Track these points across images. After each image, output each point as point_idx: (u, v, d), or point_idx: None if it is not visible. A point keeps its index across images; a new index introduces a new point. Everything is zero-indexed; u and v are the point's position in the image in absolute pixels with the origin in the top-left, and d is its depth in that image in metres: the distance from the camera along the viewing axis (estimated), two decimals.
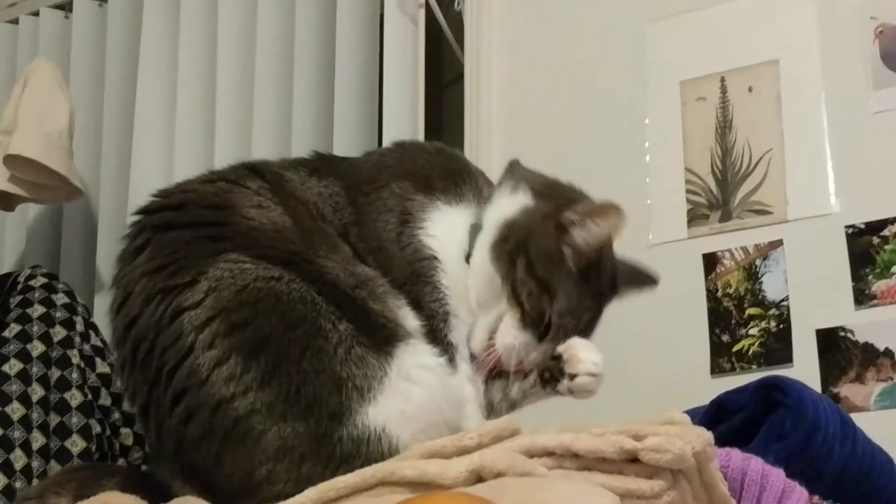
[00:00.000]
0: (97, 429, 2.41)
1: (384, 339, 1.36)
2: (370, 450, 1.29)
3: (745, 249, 2.52)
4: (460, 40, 2.94)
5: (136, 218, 1.47)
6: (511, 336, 1.44)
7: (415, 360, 1.36)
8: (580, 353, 1.44)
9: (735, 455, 1.42)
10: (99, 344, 2.61)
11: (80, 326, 2.58)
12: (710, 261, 2.54)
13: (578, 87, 2.81)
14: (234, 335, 1.31)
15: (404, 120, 2.81)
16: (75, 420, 2.38)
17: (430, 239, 1.48)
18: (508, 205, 1.51)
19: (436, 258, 1.47)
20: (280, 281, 1.34)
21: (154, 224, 1.44)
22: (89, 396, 2.45)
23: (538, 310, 1.43)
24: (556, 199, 1.50)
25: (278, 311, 1.32)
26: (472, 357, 1.47)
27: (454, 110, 2.92)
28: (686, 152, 2.63)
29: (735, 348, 2.47)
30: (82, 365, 2.49)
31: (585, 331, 1.49)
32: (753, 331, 2.47)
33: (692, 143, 2.63)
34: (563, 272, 1.44)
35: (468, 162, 1.63)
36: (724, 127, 2.60)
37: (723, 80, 2.63)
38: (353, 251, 1.46)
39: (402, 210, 1.50)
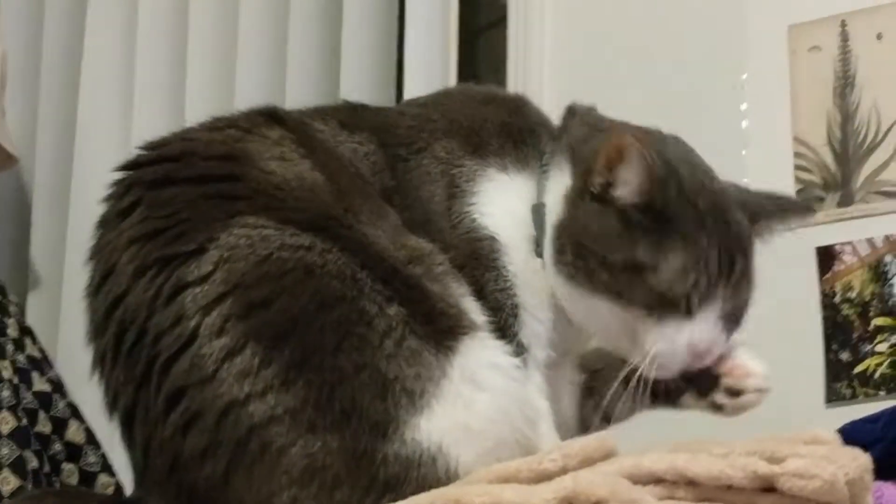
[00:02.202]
0: (34, 463, 2.41)
1: (445, 329, 1.34)
2: (422, 474, 1.28)
3: (871, 242, 2.52)
4: None
5: (119, 175, 1.46)
6: (652, 339, 1.41)
7: (483, 358, 1.35)
8: (750, 364, 1.45)
9: (889, 491, 1.41)
10: (36, 354, 2.62)
11: (12, 331, 2.58)
12: (827, 257, 2.54)
13: (654, 31, 2.81)
14: (250, 318, 1.30)
15: (431, 72, 2.81)
16: (6, 451, 2.38)
17: (485, 218, 1.47)
18: (556, 197, 1.49)
19: (495, 239, 1.46)
20: (311, 251, 1.33)
21: (146, 179, 1.43)
22: (24, 421, 2.44)
23: (651, 292, 1.41)
24: (582, 166, 1.48)
25: (309, 288, 1.31)
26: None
27: (492, 60, 2.92)
28: (795, 117, 2.63)
29: (857, 369, 2.47)
30: (15, 380, 2.49)
31: (739, 268, 1.44)
32: (882, 347, 2.46)
33: (803, 106, 2.63)
34: (643, 236, 1.41)
35: (532, 111, 1.60)
36: (845, 85, 2.60)
37: (844, 24, 2.62)
38: (401, 219, 1.45)
39: (448, 181, 1.49)
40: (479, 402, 1.32)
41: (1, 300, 2.62)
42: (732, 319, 1.45)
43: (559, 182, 1.49)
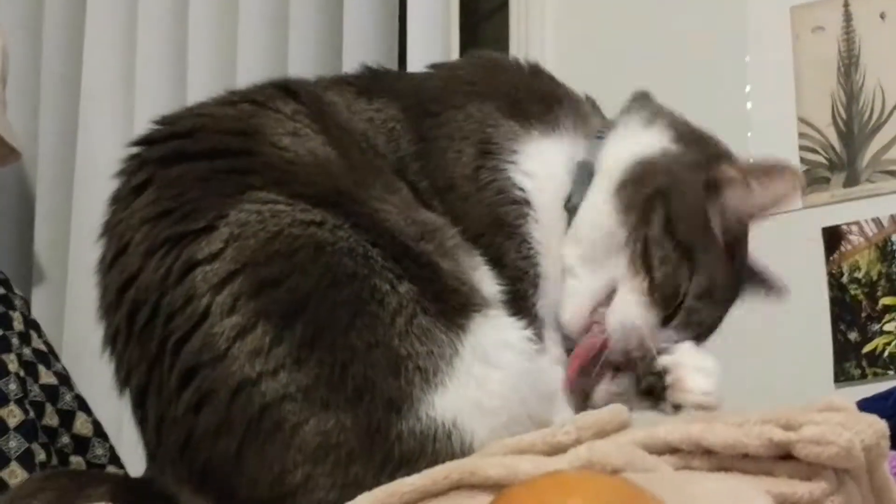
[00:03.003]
0: (41, 455, 2.40)
1: (457, 307, 1.33)
2: (437, 448, 1.27)
3: (877, 222, 2.51)
4: None
5: (133, 151, 1.46)
6: (632, 312, 1.43)
7: (495, 336, 1.34)
8: (689, 379, 1.42)
9: None
10: (42, 347, 2.62)
11: (18, 325, 2.57)
12: (833, 237, 2.53)
13: (656, 15, 2.81)
14: (261, 296, 1.29)
15: (433, 59, 2.75)
16: (13, 444, 2.37)
17: (523, 178, 1.46)
18: (642, 141, 1.50)
19: (528, 202, 1.45)
20: (322, 227, 1.32)
21: (158, 156, 1.42)
22: (31, 414, 2.44)
23: (672, 283, 1.42)
24: (707, 149, 1.51)
25: (320, 265, 1.30)
26: (564, 338, 1.45)
27: (494, 46, 2.90)
28: (799, 98, 2.62)
29: (866, 349, 2.46)
30: (22, 374, 2.49)
31: (712, 327, 1.49)
32: (890, 326, 2.46)
33: (807, 86, 2.63)
34: (709, 242, 1.44)
35: (569, 87, 1.61)
36: (849, 65, 2.59)
37: (846, 4, 2.62)
38: (413, 193, 1.44)
39: (482, 138, 1.47)
40: (491, 381, 1.31)
41: (6, 294, 2.61)
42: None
43: (644, 136, 1.51)
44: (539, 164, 1.48)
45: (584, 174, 1.49)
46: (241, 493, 1.29)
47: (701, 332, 1.47)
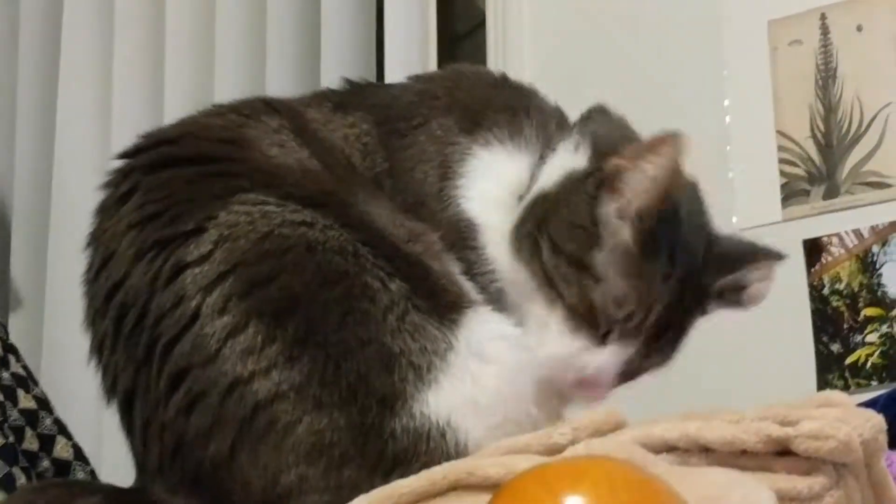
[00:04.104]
0: (22, 480, 2.38)
1: (448, 304, 1.33)
2: (431, 447, 1.26)
3: (858, 233, 2.52)
4: None
5: (119, 162, 1.44)
6: (557, 342, 1.39)
7: (489, 329, 1.33)
8: None
9: None
10: (21, 371, 2.59)
11: None
12: (814, 249, 2.54)
13: (633, 32, 2.82)
14: (252, 296, 1.29)
15: None
16: None
17: (468, 202, 1.44)
18: (558, 168, 1.46)
19: (476, 224, 1.43)
20: (313, 227, 1.32)
21: (144, 164, 1.41)
22: (10, 438, 2.42)
23: (583, 299, 1.38)
24: (605, 157, 1.42)
25: (311, 264, 1.30)
26: None
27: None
28: (778, 111, 2.63)
29: (848, 360, 2.47)
30: (0, 398, 2.46)
31: (670, 334, 1.41)
32: (872, 337, 2.46)
33: (785, 100, 2.64)
34: (609, 246, 1.38)
35: (545, 101, 1.58)
36: (827, 78, 2.60)
37: (823, 17, 2.63)
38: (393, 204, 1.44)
39: (441, 160, 1.47)
40: (486, 376, 1.31)
41: None
42: (630, 374, 1.42)
43: (565, 160, 1.46)
44: (483, 188, 1.46)
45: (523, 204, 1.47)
46: (234, 496, 1.28)
47: (660, 334, 1.40)
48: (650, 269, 1.39)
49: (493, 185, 1.47)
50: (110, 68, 3.12)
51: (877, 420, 1.17)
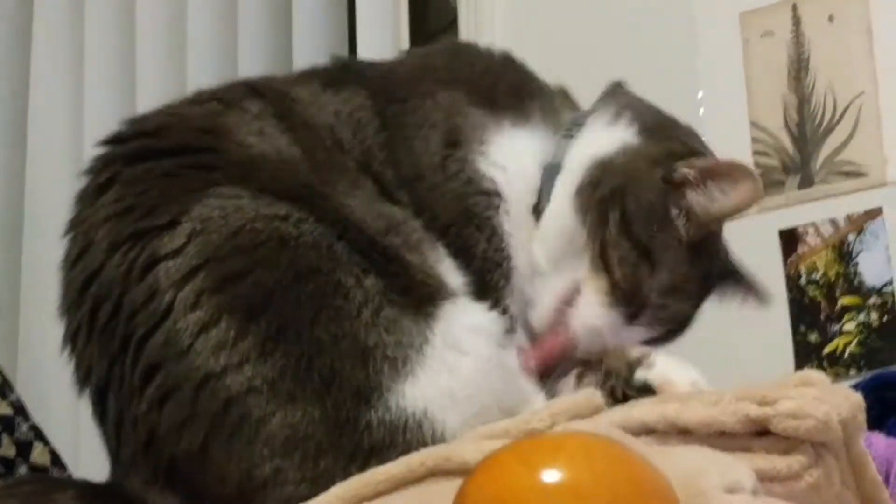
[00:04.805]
0: None
1: (424, 297, 1.32)
2: (408, 439, 1.25)
3: (833, 222, 2.52)
4: None
5: (99, 150, 1.44)
6: (594, 314, 1.42)
7: (465, 321, 1.32)
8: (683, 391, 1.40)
9: (878, 441, 1.40)
10: None
11: None
12: (790, 239, 2.54)
13: (607, 26, 2.82)
14: (224, 291, 1.28)
15: None
16: None
17: (493, 169, 1.45)
18: (604, 140, 1.49)
19: (498, 194, 1.44)
20: (286, 221, 1.31)
21: (123, 154, 1.41)
22: None
23: (633, 282, 1.42)
24: (669, 143, 1.49)
25: (284, 259, 1.29)
26: (531, 337, 1.44)
27: None
28: (751, 103, 2.64)
29: (826, 350, 2.47)
30: None
31: (683, 322, 1.48)
32: (849, 326, 2.47)
33: (758, 91, 2.64)
34: (670, 240, 1.43)
35: (541, 79, 1.60)
36: (799, 69, 2.61)
37: (795, 8, 2.64)
38: (379, 185, 1.43)
39: (450, 127, 1.46)
40: (462, 368, 1.30)
41: None
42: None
43: (608, 133, 1.49)
44: (508, 156, 1.46)
45: (552, 178, 1.48)
46: (210, 490, 1.27)
47: (672, 327, 1.47)
48: (696, 270, 1.45)
49: (515, 159, 1.47)
50: (82, 58, 3.12)
51: (855, 398, 1.17)
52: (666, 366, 1.41)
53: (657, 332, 1.46)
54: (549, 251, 1.45)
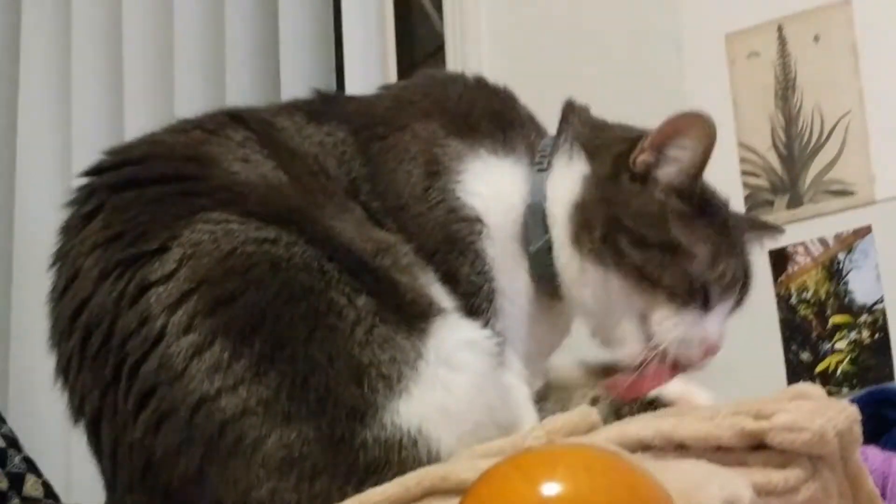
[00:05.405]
0: None
1: (416, 314, 1.33)
2: (403, 457, 1.25)
3: (823, 241, 2.52)
4: (438, 5, 2.95)
5: (84, 181, 1.44)
6: (672, 325, 1.41)
7: (457, 336, 1.33)
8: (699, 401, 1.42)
9: (874, 454, 1.40)
10: None
11: None
12: (780, 259, 2.53)
13: (592, 52, 2.81)
14: (217, 314, 1.28)
15: None
16: None
17: (471, 197, 1.45)
18: (568, 180, 1.48)
19: (478, 220, 1.44)
20: (277, 244, 1.32)
21: (109, 183, 1.41)
22: None
23: (682, 278, 1.41)
24: (612, 149, 1.49)
25: (276, 281, 1.29)
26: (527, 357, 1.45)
27: None
28: (738, 123, 2.64)
29: (819, 368, 2.47)
30: None
31: (747, 276, 1.48)
32: (841, 344, 2.46)
33: (745, 112, 2.64)
34: (679, 220, 1.43)
35: (520, 104, 1.60)
36: (786, 88, 2.61)
37: (780, 29, 2.64)
38: (367, 213, 1.43)
39: (429, 158, 1.46)
40: (456, 384, 1.30)
41: None
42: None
43: (569, 171, 1.48)
44: (485, 184, 1.47)
45: (537, 217, 1.48)
46: None
47: (741, 284, 1.47)
48: (718, 222, 1.45)
49: (494, 186, 1.47)
50: (69, 83, 3.13)
51: (851, 411, 1.17)
52: (680, 384, 1.43)
53: (733, 297, 1.46)
54: (602, 313, 1.46)
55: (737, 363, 2.42)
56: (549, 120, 2.22)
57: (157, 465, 1.28)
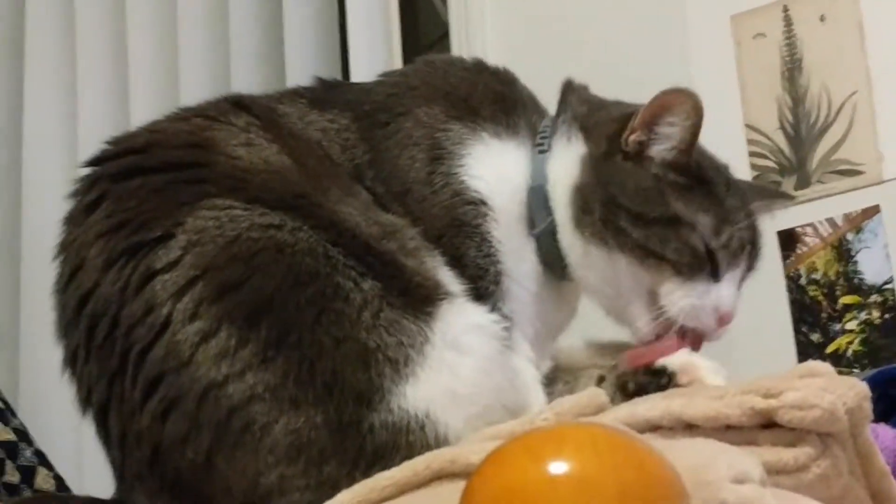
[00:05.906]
0: None
1: (423, 298, 1.33)
2: (411, 441, 1.26)
3: (831, 222, 2.51)
4: None
5: (86, 170, 1.44)
6: (682, 296, 1.41)
7: (464, 320, 1.33)
8: (709, 378, 1.41)
9: (884, 432, 1.39)
10: None
11: None
12: (789, 239, 2.53)
13: (598, 37, 2.80)
14: (223, 300, 1.28)
15: None
16: None
17: (475, 181, 1.45)
18: (567, 162, 1.49)
19: (483, 203, 1.44)
20: (282, 229, 1.31)
21: (111, 173, 1.41)
22: None
23: (686, 249, 1.41)
24: (605, 129, 1.49)
25: (281, 266, 1.29)
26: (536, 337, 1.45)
27: None
28: (745, 105, 2.63)
29: (829, 349, 2.46)
30: None
31: (755, 238, 1.49)
32: (851, 325, 2.45)
33: (752, 93, 2.63)
34: (678, 194, 1.43)
35: (520, 84, 1.60)
36: (793, 69, 2.60)
37: (786, 9, 2.63)
38: (372, 196, 1.44)
39: (432, 143, 1.47)
40: (463, 367, 1.30)
41: None
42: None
43: (567, 153, 1.49)
44: (489, 167, 1.47)
45: (540, 200, 1.48)
46: (216, 501, 1.27)
47: (751, 247, 1.48)
48: (719, 189, 1.45)
49: (497, 169, 1.48)
50: (75, 77, 3.14)
51: (861, 388, 1.17)
52: (687, 354, 1.42)
53: (743, 262, 1.46)
54: (611, 292, 1.46)
55: (747, 345, 2.44)
56: (554, 106, 2.23)
57: (165, 452, 1.28)
